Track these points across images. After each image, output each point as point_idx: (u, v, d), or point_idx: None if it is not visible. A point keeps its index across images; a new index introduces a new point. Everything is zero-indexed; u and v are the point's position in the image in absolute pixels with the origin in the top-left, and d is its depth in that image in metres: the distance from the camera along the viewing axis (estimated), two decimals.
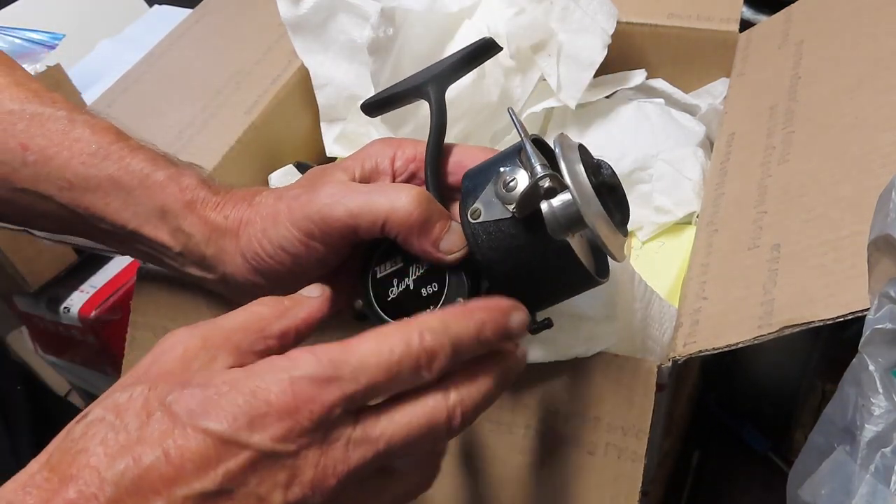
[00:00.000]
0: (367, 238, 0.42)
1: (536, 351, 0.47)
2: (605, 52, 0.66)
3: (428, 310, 0.41)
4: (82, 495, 0.28)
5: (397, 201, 0.40)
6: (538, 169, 0.39)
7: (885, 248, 0.36)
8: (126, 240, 0.46)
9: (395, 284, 0.42)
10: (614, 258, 0.41)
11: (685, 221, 0.65)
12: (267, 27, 0.76)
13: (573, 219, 0.38)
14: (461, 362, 0.34)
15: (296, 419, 0.30)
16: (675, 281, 0.61)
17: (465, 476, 0.50)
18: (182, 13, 0.86)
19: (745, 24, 0.71)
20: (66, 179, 0.45)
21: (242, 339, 0.34)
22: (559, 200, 0.38)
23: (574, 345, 0.48)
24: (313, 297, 0.36)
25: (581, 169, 0.39)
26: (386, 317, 0.43)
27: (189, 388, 0.30)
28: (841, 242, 0.45)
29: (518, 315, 0.36)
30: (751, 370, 0.70)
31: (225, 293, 0.47)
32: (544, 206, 0.38)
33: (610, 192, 0.41)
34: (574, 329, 0.48)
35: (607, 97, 0.71)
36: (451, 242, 0.41)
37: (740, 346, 0.44)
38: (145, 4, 1.06)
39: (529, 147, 0.40)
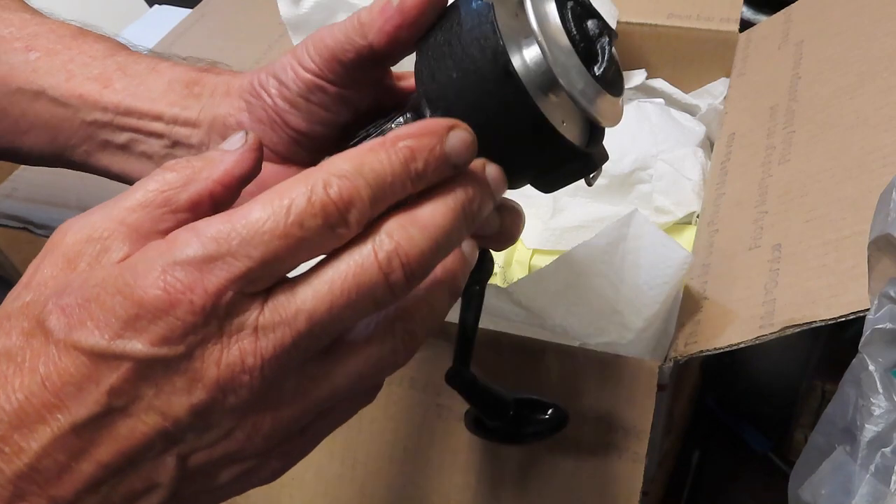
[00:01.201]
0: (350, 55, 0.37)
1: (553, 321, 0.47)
2: None
3: None
4: None
5: None
6: None
7: (885, 247, 0.36)
8: (111, 134, 0.45)
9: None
10: (598, 122, 0.34)
11: (685, 221, 0.65)
12: (267, 27, 0.76)
13: (540, 69, 0.32)
14: (388, 204, 0.27)
15: (175, 315, 0.25)
16: None
17: (466, 476, 0.50)
18: (182, 13, 0.86)
19: (745, 24, 0.71)
20: (68, 70, 0.44)
21: (142, 218, 0.28)
22: (527, 51, 0.32)
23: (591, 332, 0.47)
24: (230, 151, 0.30)
25: (553, 8, 0.32)
26: None
27: (64, 297, 0.26)
28: (842, 242, 0.45)
29: (458, 135, 0.28)
30: (751, 370, 0.70)
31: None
32: (517, 56, 0.32)
33: (591, 41, 0.34)
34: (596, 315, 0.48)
35: None
36: None
37: (741, 346, 0.44)
38: (145, 4, 1.06)
39: None
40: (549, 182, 0.37)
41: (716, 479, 0.69)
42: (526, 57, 0.32)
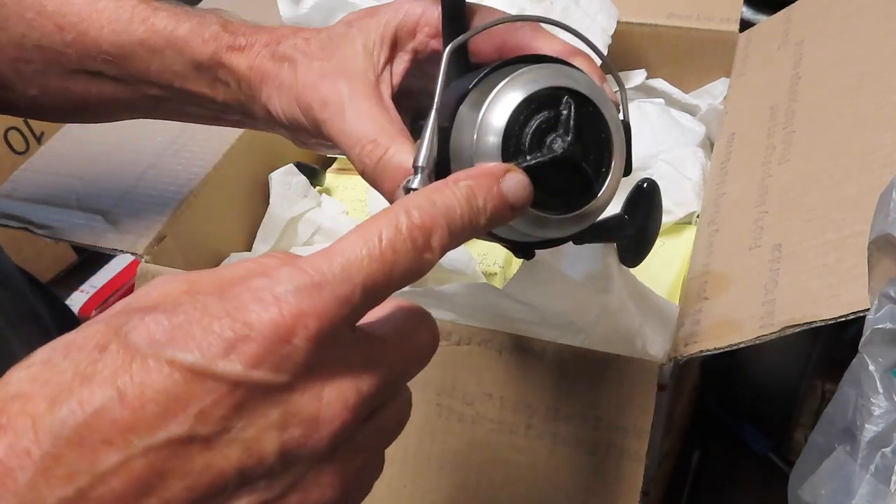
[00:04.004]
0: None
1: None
2: (606, 53, 0.66)
3: None
4: (12, 451, 0.22)
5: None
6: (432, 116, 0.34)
7: (885, 247, 0.36)
8: (182, 102, 0.47)
9: None
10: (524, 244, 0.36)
11: (685, 221, 0.65)
12: None
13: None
14: (461, 239, 0.29)
15: (286, 340, 0.24)
16: (675, 281, 0.61)
17: (465, 476, 0.50)
18: None
19: (745, 24, 0.72)
20: (105, 52, 0.46)
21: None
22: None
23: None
24: None
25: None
26: None
27: (152, 315, 0.24)
28: (842, 242, 0.45)
29: (512, 178, 0.31)
30: (751, 370, 0.70)
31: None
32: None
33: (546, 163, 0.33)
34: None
35: None
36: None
37: (741, 345, 0.44)
38: None
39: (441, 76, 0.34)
40: None
41: (716, 479, 0.69)
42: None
